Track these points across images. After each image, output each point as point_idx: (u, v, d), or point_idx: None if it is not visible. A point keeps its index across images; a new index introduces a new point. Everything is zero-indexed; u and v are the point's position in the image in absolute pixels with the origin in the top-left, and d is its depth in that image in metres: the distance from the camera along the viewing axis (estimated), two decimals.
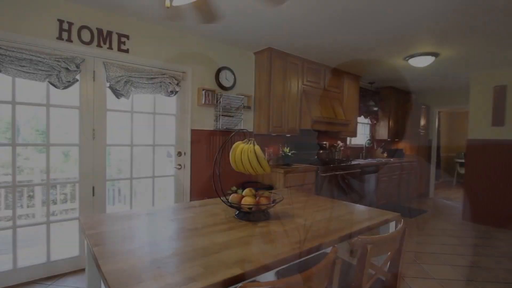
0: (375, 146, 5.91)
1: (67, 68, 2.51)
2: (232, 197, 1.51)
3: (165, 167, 3.33)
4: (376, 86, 5.82)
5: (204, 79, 3.49)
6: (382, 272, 1.44)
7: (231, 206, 1.48)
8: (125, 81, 2.84)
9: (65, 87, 2.54)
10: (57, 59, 2.45)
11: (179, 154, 3.36)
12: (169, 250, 1.07)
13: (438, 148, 7.08)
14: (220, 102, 3.52)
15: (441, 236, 3.92)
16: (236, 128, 3.73)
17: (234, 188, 1.56)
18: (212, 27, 3.11)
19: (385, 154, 5.73)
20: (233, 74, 3.73)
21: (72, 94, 2.67)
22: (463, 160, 7.58)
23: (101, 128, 2.82)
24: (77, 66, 2.58)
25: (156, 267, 0.93)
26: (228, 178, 3.84)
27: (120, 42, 2.86)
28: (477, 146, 4.51)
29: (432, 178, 6.26)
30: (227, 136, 3.70)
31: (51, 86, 2.50)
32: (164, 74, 3.08)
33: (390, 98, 5.71)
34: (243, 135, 3.83)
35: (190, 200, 3.41)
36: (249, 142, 1.49)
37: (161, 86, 3.09)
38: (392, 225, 1.68)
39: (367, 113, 5.58)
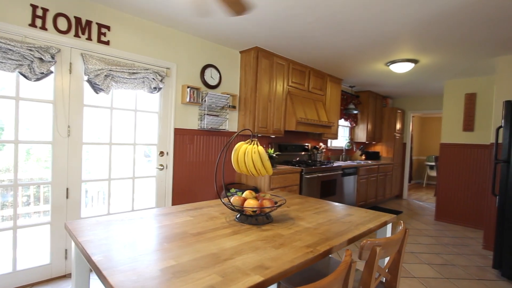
0: (354, 148, 6.05)
1: (40, 59, 2.29)
2: (234, 200, 1.43)
3: (146, 167, 3.15)
4: (356, 90, 5.97)
5: (188, 76, 3.36)
6: (385, 274, 1.43)
7: (234, 210, 1.40)
8: (105, 75, 2.65)
9: (38, 79, 2.31)
10: (29, 48, 2.22)
11: (162, 154, 3.20)
12: (178, 257, 0.97)
13: (411, 150, 7.40)
14: (205, 100, 3.41)
15: (418, 236, 4.07)
16: (220, 128, 3.63)
17: (233, 190, 1.47)
18: (199, 23, 3.00)
19: (363, 156, 5.88)
20: (219, 72, 3.63)
21: (45, 87, 2.44)
22: (433, 163, 8.00)
23: (77, 125, 2.60)
24: (52, 57, 2.36)
25: (170, 276, 0.83)
26: (211, 179, 3.73)
27: (100, 33, 2.67)
28: (449, 150, 4.75)
29: (405, 180, 6.53)
30: (212, 136, 3.59)
31: (21, 77, 2.26)
32: (147, 70, 2.91)
33: (368, 101, 5.88)
34: (225, 135, 3.75)
35: (173, 203, 3.25)
36: (252, 143, 1.42)
37: (144, 82, 2.92)
38: (389, 226, 1.68)
39: (347, 116, 5.70)
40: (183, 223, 1.35)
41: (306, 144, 4.93)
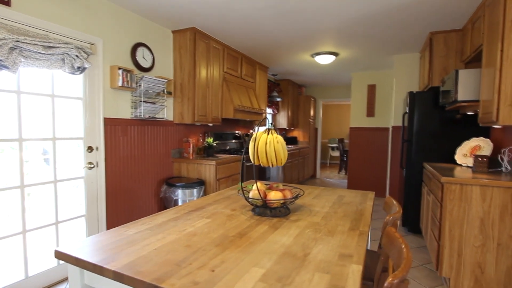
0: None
1: None
2: (255, 194, 1.30)
3: (72, 166, 2.54)
4: (277, 78, 6.26)
5: (118, 55, 2.83)
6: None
7: (263, 206, 1.28)
8: (11, 48, 1.96)
9: None
10: None
11: (90, 149, 2.63)
12: (258, 264, 0.85)
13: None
14: (140, 85, 2.95)
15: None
16: (157, 116, 3.23)
17: (242, 184, 1.34)
18: None
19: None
20: (152, 53, 3.19)
21: None
22: (334, 145, 9.24)
23: None
24: None
25: (280, 283, 0.70)
26: (149, 174, 3.34)
27: None
28: (356, 133, 5.57)
29: (318, 161, 7.35)
30: (148, 126, 3.17)
31: None
32: (68, 44, 2.30)
33: (288, 89, 6.27)
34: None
35: (107, 207, 2.75)
36: (270, 132, 1.31)
37: (64, 59, 2.30)
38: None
39: (270, 103, 5.94)
40: (207, 226, 1.17)
41: (237, 132, 4.92)
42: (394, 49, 4.12)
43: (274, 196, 1.26)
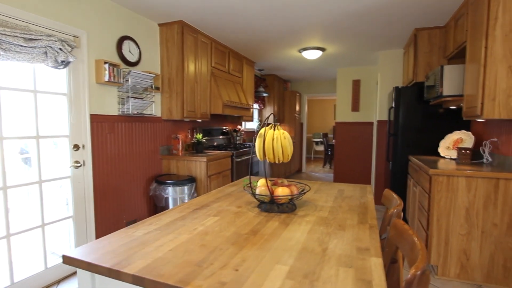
0: None
1: None
2: (262, 190, 1.29)
3: (57, 166, 2.41)
4: (263, 73, 6.24)
5: (103, 49, 2.71)
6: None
7: (271, 202, 1.28)
8: None
9: None
10: None
11: (76, 148, 2.51)
12: (279, 262, 0.85)
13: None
14: (127, 80, 2.84)
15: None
16: (145, 113, 3.13)
17: (246, 181, 1.33)
18: None
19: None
20: (138, 47, 3.07)
21: None
22: (319, 139, 9.37)
23: None
24: None
25: (307, 279, 0.70)
26: (138, 173, 3.26)
27: None
28: (342, 127, 5.68)
29: (304, 156, 7.43)
30: (136, 123, 3.07)
31: None
32: (50, 36, 2.17)
33: (274, 85, 6.27)
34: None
35: (95, 207, 2.65)
36: (276, 128, 1.30)
37: (46, 53, 2.17)
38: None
39: (257, 99, 5.92)
40: (217, 224, 1.14)
41: (225, 127, 4.87)
42: (379, 45, 4.21)
43: (282, 192, 1.25)
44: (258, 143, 1.31)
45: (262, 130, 1.33)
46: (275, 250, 0.91)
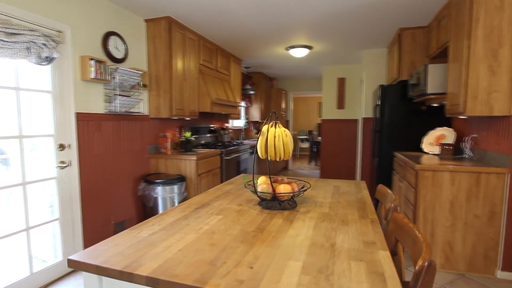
0: (250, 127, 6.39)
1: None
2: (264, 188, 1.29)
3: (41, 166, 2.31)
4: (249, 71, 6.23)
5: (88, 45, 2.61)
6: None
7: (273, 199, 1.28)
8: None
9: None
10: None
11: (62, 147, 2.42)
12: (292, 259, 0.85)
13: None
14: (115, 77, 2.76)
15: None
16: (132, 111, 3.05)
17: (247, 178, 1.33)
18: None
19: (258, 135, 6.33)
20: (124, 43, 2.99)
21: None
22: (304, 137, 9.48)
23: None
24: None
25: (323, 274, 0.71)
26: (125, 172, 3.18)
27: None
28: (328, 124, 5.77)
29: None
30: (123, 121, 2.99)
31: None
32: (33, 31, 2.06)
33: (260, 82, 6.28)
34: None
35: (82, 209, 2.56)
36: (276, 126, 1.30)
37: (29, 48, 2.07)
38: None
39: (244, 96, 5.91)
40: (222, 223, 1.14)
41: (212, 125, 4.83)
42: (364, 44, 4.30)
43: (284, 189, 1.27)
44: (260, 141, 1.31)
45: (264, 128, 1.33)
46: (285, 246, 0.93)
